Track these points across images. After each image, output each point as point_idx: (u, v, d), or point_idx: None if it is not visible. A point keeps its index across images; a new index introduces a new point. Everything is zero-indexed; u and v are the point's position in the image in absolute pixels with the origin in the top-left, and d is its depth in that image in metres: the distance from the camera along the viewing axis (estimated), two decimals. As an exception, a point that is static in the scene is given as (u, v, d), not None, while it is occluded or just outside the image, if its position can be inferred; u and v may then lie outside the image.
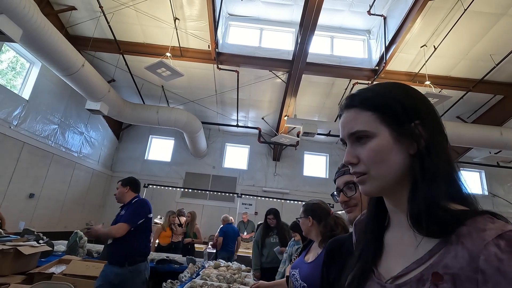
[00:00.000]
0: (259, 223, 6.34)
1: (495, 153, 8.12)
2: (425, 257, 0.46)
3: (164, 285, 2.29)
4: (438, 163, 0.49)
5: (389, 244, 0.56)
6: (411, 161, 0.51)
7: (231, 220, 5.90)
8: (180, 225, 5.54)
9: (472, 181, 10.01)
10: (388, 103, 0.53)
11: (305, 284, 1.42)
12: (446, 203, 0.47)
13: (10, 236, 2.37)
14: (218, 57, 6.48)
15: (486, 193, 9.75)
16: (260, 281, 2.11)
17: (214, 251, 5.46)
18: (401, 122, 0.52)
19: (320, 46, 7.06)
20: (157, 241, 4.97)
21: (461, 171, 0.52)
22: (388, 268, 0.53)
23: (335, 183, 1.15)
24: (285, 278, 1.85)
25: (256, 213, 9.11)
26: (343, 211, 1.12)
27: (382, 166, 0.51)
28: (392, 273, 0.51)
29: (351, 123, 0.55)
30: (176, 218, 5.30)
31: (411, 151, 0.51)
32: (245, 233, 7.55)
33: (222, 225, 5.58)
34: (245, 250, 6.67)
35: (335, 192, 1.13)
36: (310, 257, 1.57)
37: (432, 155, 0.49)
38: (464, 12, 4.93)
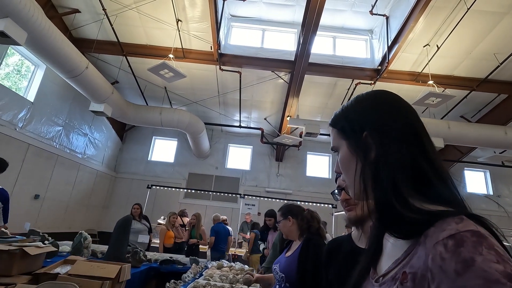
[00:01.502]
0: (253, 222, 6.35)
1: (499, 153, 8.05)
2: (401, 257, 0.48)
3: (167, 285, 2.31)
4: (387, 167, 0.50)
5: (384, 245, 0.58)
6: (365, 168, 0.53)
7: (223, 219, 5.97)
8: (183, 225, 5.56)
9: (477, 181, 9.93)
10: (341, 119, 0.61)
11: (283, 275, 1.63)
12: (419, 204, 0.48)
13: (16, 236, 2.40)
14: (221, 58, 6.50)
15: (491, 193, 9.66)
16: (256, 274, 2.24)
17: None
18: (350, 136, 0.58)
19: (322, 47, 7.05)
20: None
21: (465, 171, 0.53)
22: (381, 267, 0.55)
23: (336, 182, 1.17)
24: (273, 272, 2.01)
25: (259, 213, 9.11)
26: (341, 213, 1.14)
27: (348, 176, 0.58)
28: (381, 272, 0.53)
29: (331, 140, 0.64)
30: (178, 218, 5.30)
31: (367, 160, 0.54)
32: (249, 234, 7.56)
33: (213, 225, 5.57)
34: (239, 249, 6.73)
35: (336, 191, 1.15)
36: (289, 252, 1.77)
37: (380, 162, 0.51)
38: (467, 11, 4.90)
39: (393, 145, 0.52)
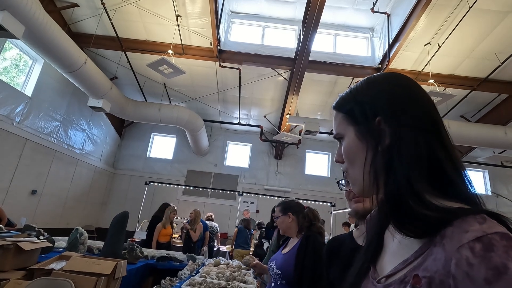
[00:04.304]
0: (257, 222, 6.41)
1: (499, 153, 8.04)
2: (410, 258, 0.44)
3: (163, 282, 2.29)
4: (403, 159, 0.46)
5: (386, 242, 0.55)
6: (376, 158, 0.48)
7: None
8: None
9: (476, 181, 9.94)
10: (351, 103, 0.54)
11: (280, 272, 1.60)
12: (435, 200, 0.44)
13: (11, 232, 2.38)
14: (220, 54, 6.45)
15: (490, 193, 9.67)
16: (256, 260, 2.25)
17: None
18: (360, 121, 0.52)
19: (323, 44, 7.01)
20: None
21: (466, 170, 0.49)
22: (383, 266, 0.51)
23: (343, 173, 1.13)
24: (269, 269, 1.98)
25: (257, 211, 9.11)
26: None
27: (354, 165, 0.53)
28: (384, 272, 0.49)
29: (334, 126, 0.58)
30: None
31: (380, 149, 0.48)
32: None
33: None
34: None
35: (342, 181, 1.10)
36: (287, 249, 1.73)
37: (394, 151, 0.46)
38: (469, 9, 4.86)
39: (410, 134, 0.47)
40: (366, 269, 0.54)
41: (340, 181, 1.10)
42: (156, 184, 7.97)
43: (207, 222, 6.23)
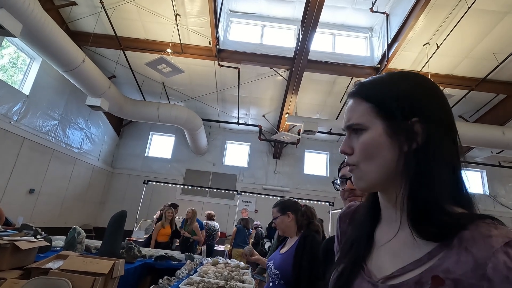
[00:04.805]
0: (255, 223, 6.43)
1: (497, 153, 8.07)
2: (423, 259, 0.44)
3: (160, 281, 2.28)
4: (436, 164, 0.46)
5: (380, 240, 0.53)
6: (406, 159, 0.48)
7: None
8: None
9: (473, 181, 9.97)
10: (386, 96, 0.51)
11: (278, 272, 1.58)
12: (448, 205, 0.45)
13: (8, 231, 2.37)
14: (219, 54, 6.44)
15: (487, 193, 9.71)
16: (256, 254, 2.26)
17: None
18: (396, 118, 0.49)
19: (322, 44, 7.00)
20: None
21: (464, 171, 0.51)
22: (379, 266, 0.50)
23: (339, 172, 1.13)
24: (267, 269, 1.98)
25: (256, 210, 9.11)
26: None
27: (372, 161, 0.50)
28: (384, 272, 0.49)
29: (350, 114, 0.54)
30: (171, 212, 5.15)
31: (406, 149, 0.48)
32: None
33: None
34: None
35: (337, 181, 1.10)
36: (285, 249, 1.72)
37: (429, 156, 0.46)
38: (467, 10, 4.87)
39: (444, 142, 0.48)
40: (358, 268, 0.53)
41: (335, 181, 1.10)
42: (154, 183, 7.96)
43: (208, 221, 6.23)
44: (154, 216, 6.77)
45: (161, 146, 10.02)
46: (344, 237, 0.64)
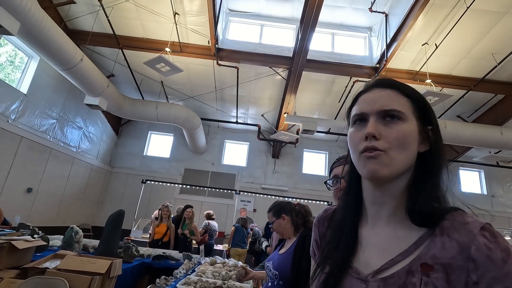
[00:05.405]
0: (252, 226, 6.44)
1: (495, 153, 8.10)
2: (410, 249, 0.48)
3: (158, 281, 2.28)
4: (438, 167, 0.54)
5: (366, 238, 0.56)
6: (419, 158, 0.54)
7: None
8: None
9: (472, 181, 10.00)
10: (420, 100, 0.57)
11: (277, 272, 1.58)
12: (434, 199, 0.52)
13: (5, 230, 2.35)
14: (218, 53, 6.43)
15: (485, 192, 9.74)
16: (252, 272, 2.27)
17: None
18: (422, 121, 0.56)
19: (321, 43, 7.00)
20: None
21: (460, 171, 0.54)
22: (367, 263, 0.53)
23: (330, 172, 1.14)
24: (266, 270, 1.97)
25: (255, 210, 9.11)
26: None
27: (403, 151, 0.52)
28: (372, 267, 0.51)
29: (387, 101, 0.55)
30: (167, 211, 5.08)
31: (421, 150, 0.54)
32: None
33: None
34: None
35: (329, 181, 1.12)
36: (283, 250, 1.71)
37: (435, 159, 0.54)
38: (466, 10, 4.88)
39: (442, 149, 0.56)
40: (345, 267, 0.54)
41: (328, 181, 1.12)
42: (153, 182, 7.95)
43: (207, 221, 6.21)
44: (152, 216, 6.75)
45: (159, 145, 10.00)
46: (323, 240, 0.66)
